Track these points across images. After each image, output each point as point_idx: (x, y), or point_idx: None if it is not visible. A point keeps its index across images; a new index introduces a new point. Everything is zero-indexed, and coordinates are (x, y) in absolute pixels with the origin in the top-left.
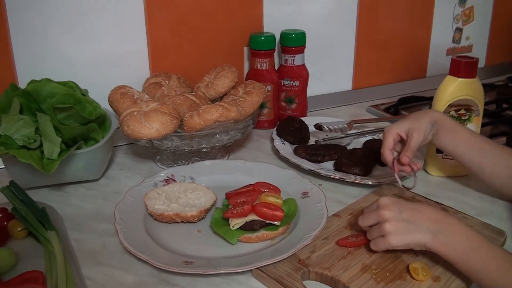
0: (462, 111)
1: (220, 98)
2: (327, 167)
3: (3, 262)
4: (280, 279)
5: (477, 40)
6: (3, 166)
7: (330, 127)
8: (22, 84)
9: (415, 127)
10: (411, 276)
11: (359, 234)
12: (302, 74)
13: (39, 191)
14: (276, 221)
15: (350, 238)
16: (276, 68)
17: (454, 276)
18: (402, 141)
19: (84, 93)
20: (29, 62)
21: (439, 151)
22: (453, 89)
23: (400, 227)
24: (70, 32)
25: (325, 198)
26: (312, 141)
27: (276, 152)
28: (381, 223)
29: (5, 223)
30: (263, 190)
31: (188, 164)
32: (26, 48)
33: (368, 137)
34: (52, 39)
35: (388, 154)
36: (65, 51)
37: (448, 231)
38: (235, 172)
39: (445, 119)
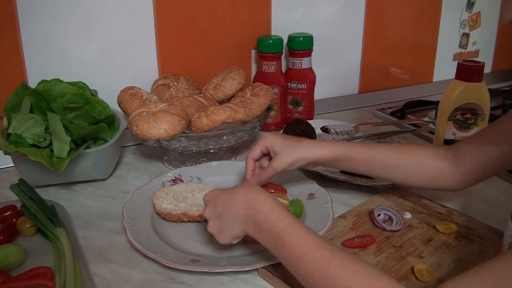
0: (468, 115)
1: (228, 100)
2: (333, 169)
3: (12, 258)
4: (286, 278)
5: (484, 46)
6: (13, 164)
7: (337, 130)
8: (33, 83)
9: (281, 156)
10: (416, 278)
11: (364, 235)
12: (309, 77)
13: (48, 189)
14: None
15: (356, 239)
16: (283, 71)
17: None
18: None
19: (94, 93)
20: (39, 62)
21: None
22: (459, 93)
23: (218, 225)
24: (80, 34)
25: (331, 200)
26: None
27: None
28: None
29: (14, 220)
30: (270, 190)
31: (195, 164)
32: (36, 48)
33: (375, 140)
34: (62, 40)
35: (249, 162)
36: (75, 52)
37: (257, 218)
38: (242, 173)
39: (334, 153)
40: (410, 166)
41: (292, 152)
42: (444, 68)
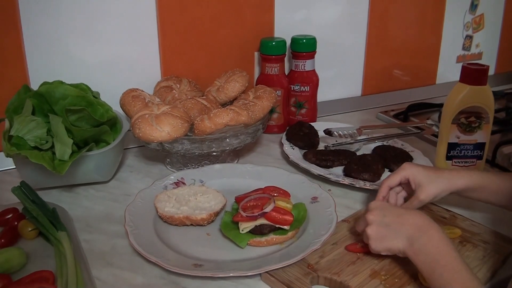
0: (473, 118)
1: (231, 102)
2: (337, 172)
3: (14, 261)
4: (289, 283)
5: (487, 48)
6: (15, 167)
7: (340, 132)
8: (35, 85)
9: (426, 188)
10: (420, 282)
11: None
12: (312, 79)
13: (49, 192)
14: (285, 225)
15: (359, 243)
16: (286, 73)
17: None
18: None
19: (96, 95)
20: (41, 64)
21: (449, 158)
22: (463, 96)
23: (380, 232)
24: (82, 35)
25: (335, 203)
26: (321, 146)
27: (286, 157)
28: (366, 227)
29: (16, 223)
30: (273, 194)
31: (198, 167)
32: (38, 50)
33: (378, 143)
34: (64, 42)
35: (384, 189)
36: (78, 54)
37: (425, 241)
38: (245, 176)
39: (472, 181)
40: None
41: (437, 184)
42: (448, 70)
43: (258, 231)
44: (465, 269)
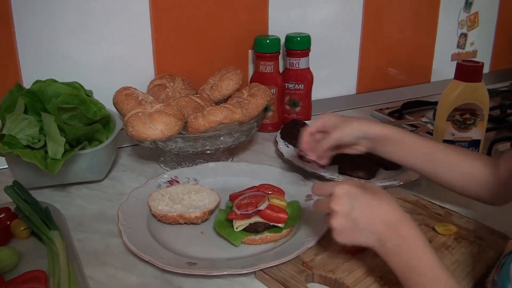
0: (467, 115)
1: (225, 100)
2: (331, 170)
3: (6, 261)
4: (284, 281)
5: (482, 46)
6: (7, 166)
7: None
8: (27, 84)
9: (340, 126)
10: None
11: None
12: (306, 77)
13: (42, 191)
14: (280, 223)
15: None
16: (280, 71)
17: (459, 280)
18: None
19: (89, 93)
20: (34, 62)
21: None
22: (458, 93)
23: (347, 225)
24: (75, 34)
25: None
26: None
27: (280, 155)
28: (329, 215)
29: (8, 222)
30: (268, 192)
31: (192, 166)
32: (31, 49)
33: None
34: (57, 41)
35: (305, 135)
36: (70, 53)
37: (398, 242)
38: (239, 174)
39: (390, 131)
40: (454, 164)
41: (350, 123)
42: (442, 68)
43: (252, 229)
44: (444, 274)
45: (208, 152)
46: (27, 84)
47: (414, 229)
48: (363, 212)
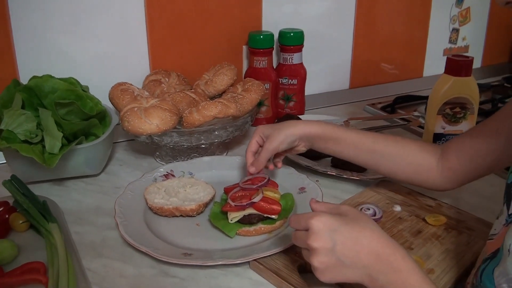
0: (457, 109)
1: (219, 95)
2: (324, 163)
3: (5, 253)
4: (277, 270)
5: (474, 41)
6: (5, 161)
7: None
8: (24, 80)
9: (272, 136)
10: None
11: None
12: (300, 72)
13: (40, 185)
14: (273, 215)
15: None
16: (274, 66)
17: (448, 268)
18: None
19: (85, 89)
20: (30, 58)
21: None
22: (448, 87)
23: (331, 264)
24: (71, 30)
25: (322, 193)
26: None
27: None
28: (309, 252)
29: (7, 216)
30: (261, 183)
31: (187, 160)
32: (28, 45)
33: None
34: (53, 36)
35: (249, 155)
36: (67, 48)
37: (391, 277)
38: (234, 168)
39: (323, 130)
40: (396, 155)
41: (280, 130)
42: (434, 63)
43: (246, 220)
44: None
45: (203, 146)
46: (23, 80)
47: (409, 261)
48: (347, 245)
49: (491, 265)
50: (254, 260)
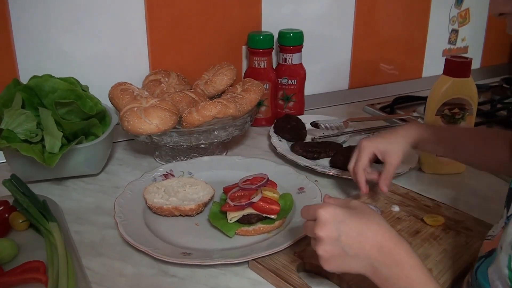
0: (456, 110)
1: (219, 95)
2: (323, 164)
3: (5, 252)
4: (276, 270)
5: (473, 42)
6: (5, 160)
7: (327, 125)
8: (24, 79)
9: (392, 151)
10: None
11: None
12: (299, 73)
13: (40, 184)
14: (272, 214)
15: None
16: (274, 66)
17: (445, 269)
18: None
19: (85, 89)
20: (31, 58)
21: None
22: (447, 88)
23: (335, 253)
24: (71, 30)
25: (321, 193)
26: (308, 138)
27: (273, 149)
28: (315, 241)
29: (7, 215)
30: (260, 183)
31: (186, 159)
32: (28, 44)
33: (364, 135)
34: (53, 36)
35: (361, 174)
36: (67, 48)
37: (393, 269)
38: (233, 168)
39: (425, 133)
40: (471, 149)
41: (398, 143)
42: (433, 64)
43: (245, 220)
44: None
45: (203, 146)
46: (24, 79)
47: (413, 257)
48: (351, 236)
49: (485, 263)
50: (253, 259)
